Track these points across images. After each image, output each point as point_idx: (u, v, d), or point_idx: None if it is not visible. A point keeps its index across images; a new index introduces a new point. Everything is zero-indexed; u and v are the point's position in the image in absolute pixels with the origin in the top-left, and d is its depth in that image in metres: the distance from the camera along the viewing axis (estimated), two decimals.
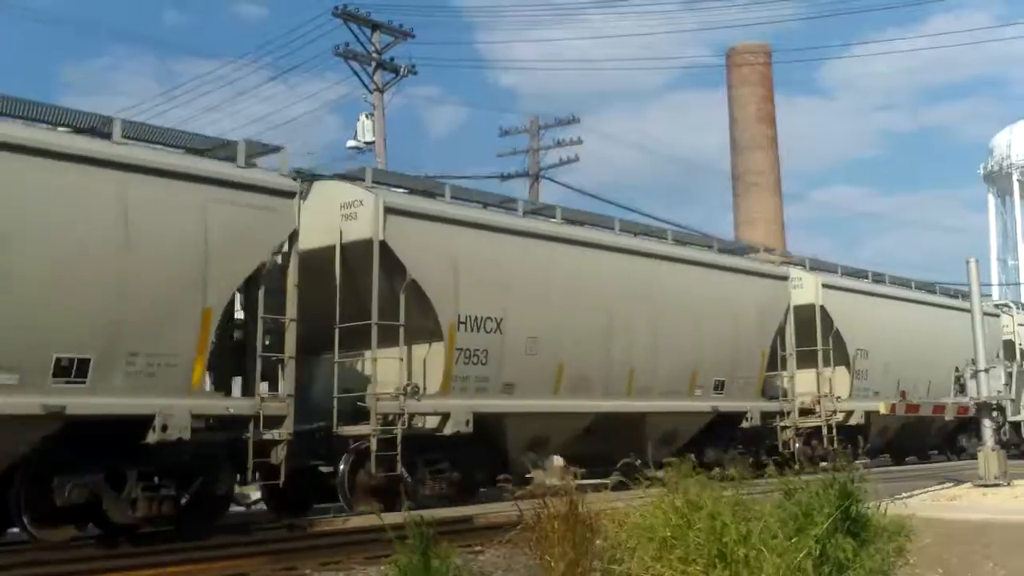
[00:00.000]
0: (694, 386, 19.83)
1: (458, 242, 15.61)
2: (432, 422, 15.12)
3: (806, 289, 23.31)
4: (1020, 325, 32.29)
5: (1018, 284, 65.92)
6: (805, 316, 22.84)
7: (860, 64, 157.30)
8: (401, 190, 16.04)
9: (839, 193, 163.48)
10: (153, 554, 10.86)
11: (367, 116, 30.93)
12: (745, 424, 21.08)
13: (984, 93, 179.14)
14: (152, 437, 11.49)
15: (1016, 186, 71.16)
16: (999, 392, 15.36)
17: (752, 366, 21.23)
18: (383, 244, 14.57)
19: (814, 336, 22.99)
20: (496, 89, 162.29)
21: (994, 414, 15.28)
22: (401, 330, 14.64)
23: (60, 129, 11.84)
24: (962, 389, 16.02)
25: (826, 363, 23.05)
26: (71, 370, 10.92)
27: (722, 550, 6.75)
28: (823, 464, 13.92)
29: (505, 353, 15.96)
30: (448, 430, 15.03)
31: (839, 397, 23.26)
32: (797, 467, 9.51)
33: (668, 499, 7.44)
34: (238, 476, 12.93)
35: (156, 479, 11.74)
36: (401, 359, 14.74)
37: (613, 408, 18.03)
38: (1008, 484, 14.27)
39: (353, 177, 15.56)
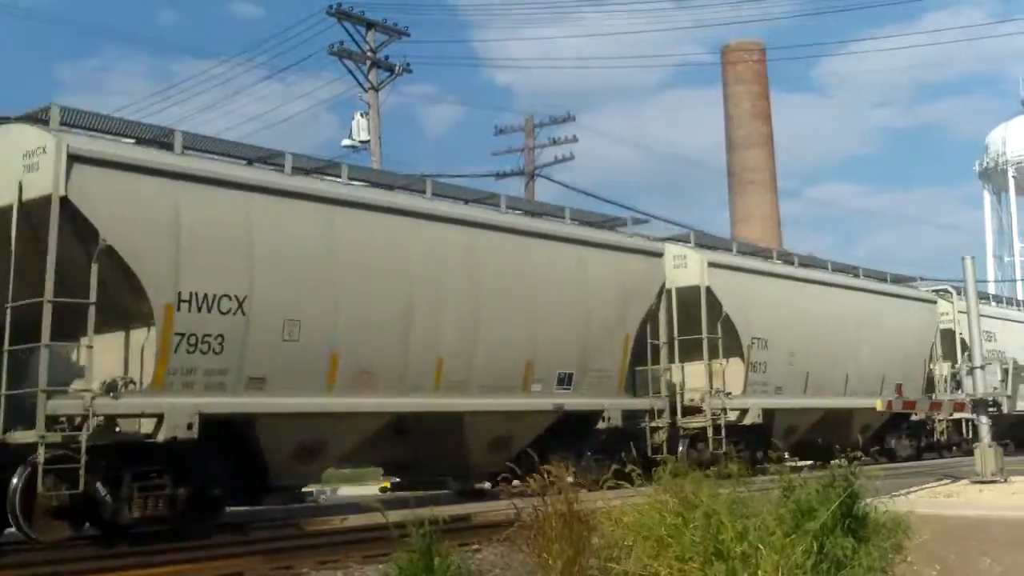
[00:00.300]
0: (530, 380, 16.64)
1: (184, 201, 12.51)
2: (146, 425, 12.16)
3: (690, 268, 20.42)
4: (962, 312, 27.62)
5: (1014, 280, 65.96)
6: (692, 300, 20.14)
7: (856, 61, 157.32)
8: (125, 140, 13.03)
9: (835, 190, 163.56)
10: (148, 554, 10.83)
11: (362, 115, 30.93)
12: (602, 425, 17.93)
13: (981, 90, 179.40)
14: None
15: (1011, 183, 71.15)
16: (995, 388, 15.40)
17: (611, 357, 18.12)
18: (65, 201, 11.48)
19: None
20: (492, 87, 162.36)
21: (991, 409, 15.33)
22: (91, 310, 11.52)
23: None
24: (958, 386, 16.05)
25: (714, 354, 20.12)
26: None
27: (719, 548, 6.75)
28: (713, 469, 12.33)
29: (250, 339, 12.91)
30: (163, 436, 11.99)
31: (730, 393, 20.46)
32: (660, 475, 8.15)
33: (664, 498, 7.44)
34: None
35: None
36: (90, 346, 11.65)
37: (414, 407, 15.14)
38: (1005, 480, 14.31)
39: (36, 119, 12.23)
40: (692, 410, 20.14)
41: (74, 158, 11.46)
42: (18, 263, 11.33)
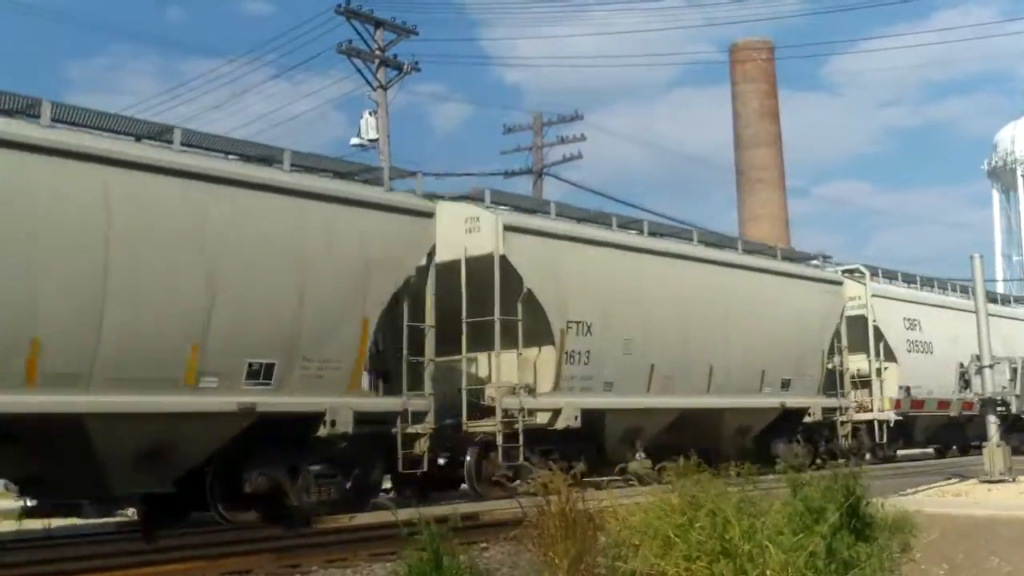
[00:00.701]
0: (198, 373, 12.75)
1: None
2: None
3: (484, 233, 16.50)
4: (877, 296, 25.35)
5: (1022, 279, 65.83)
6: (487, 272, 16.32)
7: (866, 60, 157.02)
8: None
9: (844, 189, 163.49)
10: (158, 551, 10.87)
11: (370, 113, 30.93)
12: (323, 432, 13.72)
13: (989, 88, 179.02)
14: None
15: (1020, 181, 71.06)
16: (1004, 388, 15.38)
17: (340, 343, 13.99)
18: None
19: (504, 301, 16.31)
20: (501, 86, 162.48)
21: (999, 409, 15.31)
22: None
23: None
24: (967, 384, 16.04)
25: (508, 344, 16.30)
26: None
27: (726, 547, 6.76)
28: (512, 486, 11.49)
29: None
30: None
31: (532, 390, 16.59)
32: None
33: (671, 497, 7.45)
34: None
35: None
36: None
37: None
38: (1013, 480, 14.30)
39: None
40: (485, 411, 16.34)
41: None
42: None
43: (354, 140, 31.25)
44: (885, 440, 25.05)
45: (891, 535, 8.44)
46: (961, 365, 16.49)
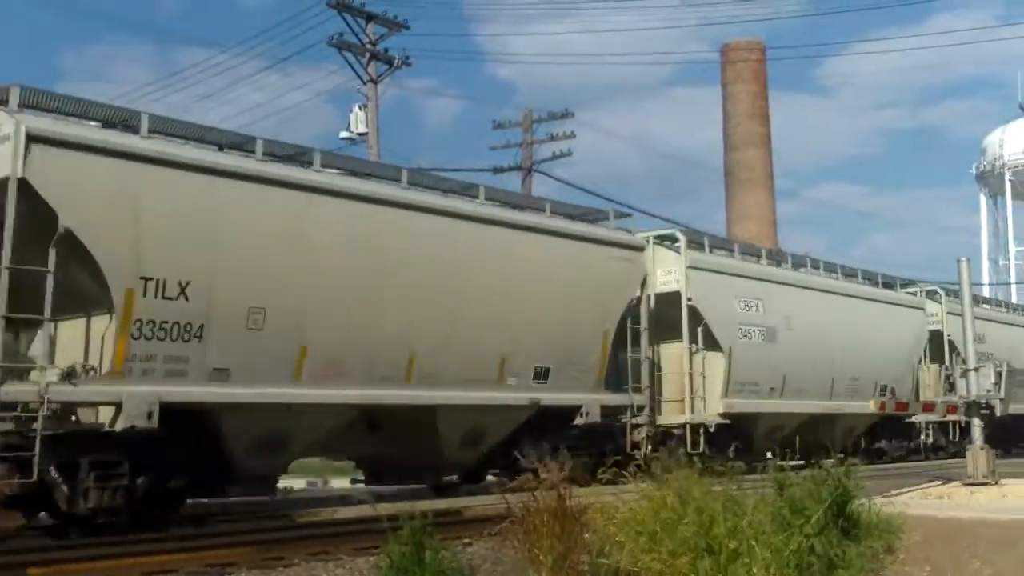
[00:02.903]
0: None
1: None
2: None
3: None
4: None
5: (1008, 284, 66.06)
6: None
7: (860, 62, 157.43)
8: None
9: (835, 191, 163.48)
10: (141, 542, 10.82)
11: (360, 107, 30.89)
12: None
13: (982, 93, 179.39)
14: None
15: (1008, 186, 71.19)
16: (988, 391, 15.40)
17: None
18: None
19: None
20: (494, 82, 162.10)
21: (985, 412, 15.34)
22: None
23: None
24: (952, 388, 16.06)
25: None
26: None
27: (711, 544, 6.76)
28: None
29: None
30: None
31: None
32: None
33: (658, 494, 7.44)
34: None
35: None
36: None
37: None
38: (996, 483, 14.32)
39: None
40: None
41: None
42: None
43: (343, 133, 31.23)
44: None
45: (877, 536, 8.46)
46: (946, 367, 16.52)
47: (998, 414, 15.64)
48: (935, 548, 9.21)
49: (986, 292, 53.56)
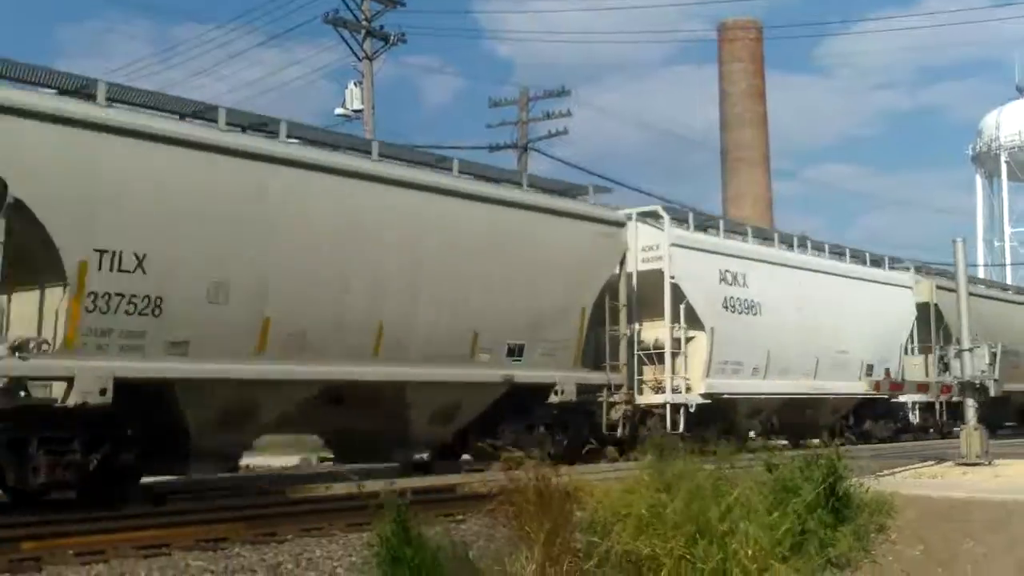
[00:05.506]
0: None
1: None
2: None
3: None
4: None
5: (1003, 265, 66.13)
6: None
7: (859, 42, 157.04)
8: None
9: (833, 171, 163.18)
10: (130, 517, 10.80)
11: (356, 84, 30.75)
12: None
13: (980, 74, 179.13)
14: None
15: (1004, 168, 71.19)
16: (983, 372, 15.40)
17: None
18: None
19: None
20: (492, 60, 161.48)
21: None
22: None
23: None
24: (946, 368, 16.05)
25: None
26: None
27: (702, 528, 6.73)
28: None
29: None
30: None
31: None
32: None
33: (648, 476, 7.42)
34: None
35: None
36: None
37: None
38: (989, 463, 14.35)
39: None
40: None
41: None
42: None
43: (338, 110, 31.09)
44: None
45: (869, 516, 8.46)
46: (941, 348, 16.47)
47: (992, 394, 15.65)
48: (928, 527, 9.22)
49: (981, 273, 53.63)
